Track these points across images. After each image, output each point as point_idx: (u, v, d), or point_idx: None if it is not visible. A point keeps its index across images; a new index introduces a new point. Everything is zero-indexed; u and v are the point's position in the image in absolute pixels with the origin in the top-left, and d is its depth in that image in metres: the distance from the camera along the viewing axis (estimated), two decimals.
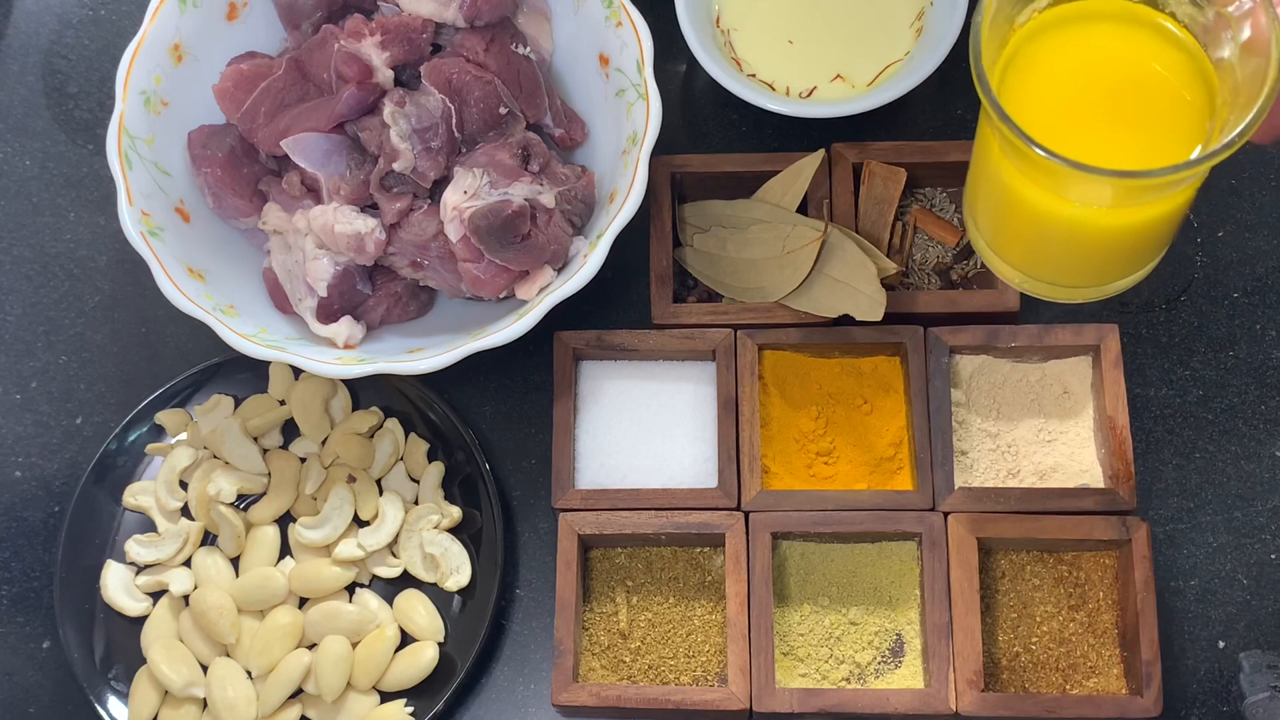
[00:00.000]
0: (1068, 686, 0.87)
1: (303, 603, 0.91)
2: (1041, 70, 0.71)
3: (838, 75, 0.96)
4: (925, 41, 0.95)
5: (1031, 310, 0.95)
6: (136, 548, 0.92)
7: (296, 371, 0.95)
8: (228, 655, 0.90)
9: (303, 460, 0.94)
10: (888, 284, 0.91)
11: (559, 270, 0.90)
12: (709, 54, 0.93)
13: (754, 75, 0.97)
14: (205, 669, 0.90)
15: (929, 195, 0.97)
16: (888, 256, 0.93)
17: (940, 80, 0.95)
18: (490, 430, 0.95)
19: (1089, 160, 0.65)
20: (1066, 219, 0.73)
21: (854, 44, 0.97)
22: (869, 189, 0.94)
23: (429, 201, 0.91)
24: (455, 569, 0.91)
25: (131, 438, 0.94)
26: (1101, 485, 0.89)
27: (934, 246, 0.95)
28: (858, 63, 0.97)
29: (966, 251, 0.95)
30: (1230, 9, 0.69)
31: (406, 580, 0.91)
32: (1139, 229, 0.74)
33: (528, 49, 0.94)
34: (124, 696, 0.90)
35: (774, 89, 0.97)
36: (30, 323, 0.99)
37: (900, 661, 0.88)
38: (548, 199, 0.89)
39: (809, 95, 0.96)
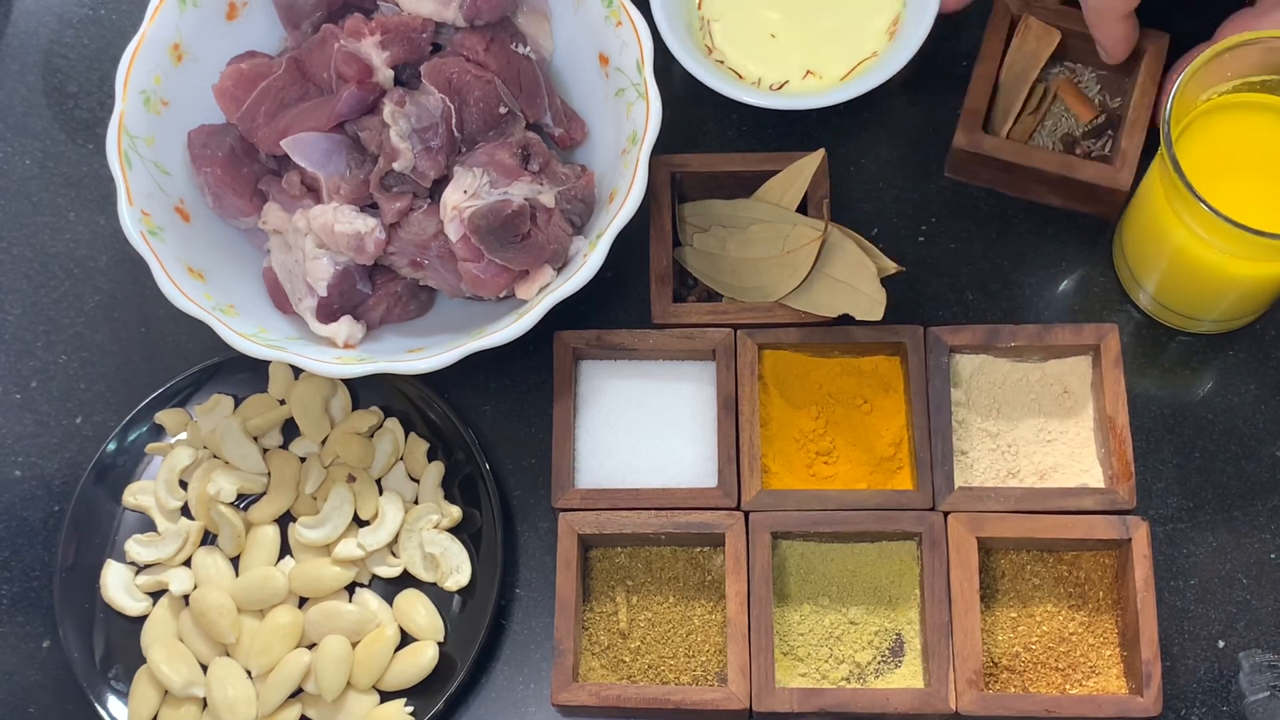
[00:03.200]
0: (1068, 686, 0.87)
1: (303, 602, 0.91)
2: (1213, 137, 0.86)
3: (809, 71, 0.96)
4: (895, 42, 0.96)
5: (1032, 309, 0.96)
6: (136, 547, 0.92)
7: (296, 371, 0.95)
8: (228, 655, 0.90)
9: (303, 460, 0.94)
10: (887, 284, 0.91)
11: (559, 270, 0.90)
12: (681, 43, 0.94)
13: (722, 62, 0.97)
14: (205, 669, 0.90)
15: (1077, 71, 0.97)
16: (1020, 116, 0.93)
17: None
18: (490, 430, 0.95)
19: (1237, 217, 0.79)
20: (1205, 261, 0.85)
21: (829, 41, 0.97)
22: (1021, 42, 0.94)
23: (429, 201, 0.91)
24: (455, 569, 0.91)
25: (131, 437, 0.94)
26: (1101, 485, 0.89)
27: (1066, 117, 0.96)
28: (831, 60, 0.97)
29: (1097, 131, 0.95)
30: None
31: (406, 580, 0.91)
32: (1265, 280, 0.87)
33: (528, 48, 0.94)
34: (124, 696, 0.90)
35: (743, 78, 0.97)
36: (30, 323, 0.99)
37: (900, 661, 0.88)
38: (548, 199, 0.89)
39: (780, 89, 0.96)
